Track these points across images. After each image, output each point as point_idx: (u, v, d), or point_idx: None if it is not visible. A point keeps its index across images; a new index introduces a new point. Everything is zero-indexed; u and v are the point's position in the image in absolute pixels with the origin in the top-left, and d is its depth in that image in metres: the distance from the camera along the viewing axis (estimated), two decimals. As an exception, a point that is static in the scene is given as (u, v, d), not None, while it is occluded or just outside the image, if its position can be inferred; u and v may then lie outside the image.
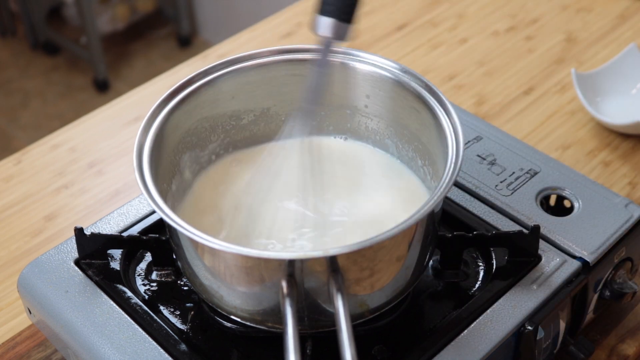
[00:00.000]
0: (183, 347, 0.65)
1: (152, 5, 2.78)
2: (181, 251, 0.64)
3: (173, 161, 0.70)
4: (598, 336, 0.76)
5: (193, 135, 0.72)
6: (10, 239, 0.90)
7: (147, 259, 0.73)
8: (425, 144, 0.70)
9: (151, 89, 1.12)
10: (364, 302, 0.62)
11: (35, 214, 0.93)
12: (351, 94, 0.74)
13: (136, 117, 1.07)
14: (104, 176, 0.98)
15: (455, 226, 0.74)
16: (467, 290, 0.70)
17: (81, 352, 0.66)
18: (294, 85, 0.74)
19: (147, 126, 0.66)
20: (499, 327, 0.65)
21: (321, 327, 0.62)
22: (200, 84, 0.70)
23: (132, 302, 0.68)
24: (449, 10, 1.25)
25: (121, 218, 0.75)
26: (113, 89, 2.63)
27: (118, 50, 2.79)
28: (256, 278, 0.60)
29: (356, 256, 0.58)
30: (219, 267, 0.61)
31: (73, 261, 0.71)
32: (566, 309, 0.68)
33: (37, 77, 2.70)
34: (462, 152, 0.62)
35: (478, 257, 0.72)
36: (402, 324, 0.67)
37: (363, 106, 0.74)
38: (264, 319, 0.63)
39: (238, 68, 0.72)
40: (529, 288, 0.68)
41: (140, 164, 0.63)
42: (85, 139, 1.04)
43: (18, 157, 1.01)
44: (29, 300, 0.71)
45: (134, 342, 0.65)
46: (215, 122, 0.74)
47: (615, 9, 1.23)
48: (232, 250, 0.56)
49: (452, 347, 0.64)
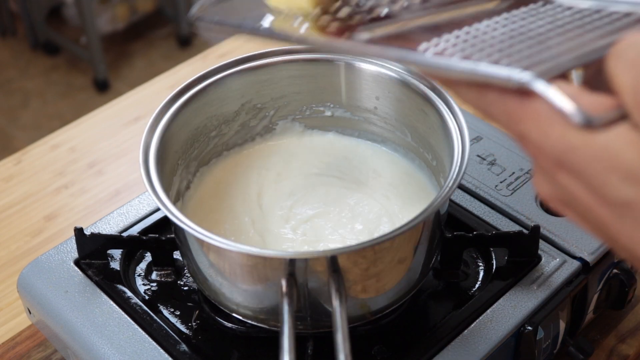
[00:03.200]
0: (183, 347, 0.65)
1: (152, 5, 2.78)
2: (185, 248, 0.64)
3: (179, 158, 0.70)
4: (598, 336, 0.76)
5: (200, 134, 0.72)
6: (10, 239, 0.90)
7: (147, 259, 0.73)
8: (433, 145, 0.70)
9: (151, 89, 1.12)
10: (364, 303, 0.62)
11: (35, 214, 0.93)
12: (361, 96, 0.74)
13: (136, 117, 1.07)
14: (104, 176, 0.98)
15: (455, 226, 0.74)
16: (467, 290, 0.70)
17: (81, 352, 0.66)
18: (302, 86, 0.74)
19: (154, 124, 0.66)
20: (499, 327, 0.65)
21: (322, 327, 0.62)
22: (209, 82, 0.70)
23: (132, 302, 0.68)
24: (449, 10, 1.25)
25: (121, 218, 0.75)
26: (113, 89, 2.63)
27: (118, 50, 2.79)
28: (257, 276, 0.60)
29: (356, 257, 0.58)
30: (222, 265, 0.61)
31: (73, 261, 0.71)
32: (566, 309, 0.68)
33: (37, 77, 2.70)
34: (468, 153, 0.62)
35: (478, 257, 0.72)
36: (402, 324, 0.67)
37: (373, 108, 0.74)
38: (265, 318, 0.63)
39: (247, 67, 0.72)
40: (529, 288, 0.68)
41: (146, 162, 0.63)
42: (85, 139, 1.04)
43: (18, 157, 1.01)
44: (28, 300, 0.71)
45: (133, 342, 0.65)
46: (222, 120, 0.74)
47: (615, 9, 1.23)
48: (234, 248, 0.56)
49: (452, 347, 0.64)
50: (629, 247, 0.36)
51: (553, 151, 0.36)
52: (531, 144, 0.37)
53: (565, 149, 0.36)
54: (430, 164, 0.72)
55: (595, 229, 0.38)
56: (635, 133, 0.34)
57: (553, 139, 0.36)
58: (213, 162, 0.76)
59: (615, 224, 0.36)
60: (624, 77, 0.35)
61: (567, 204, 0.38)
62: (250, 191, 0.73)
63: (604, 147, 0.35)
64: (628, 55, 0.35)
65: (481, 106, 0.39)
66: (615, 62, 0.36)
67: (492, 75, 0.37)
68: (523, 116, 0.37)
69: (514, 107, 0.37)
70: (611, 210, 0.36)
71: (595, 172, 0.35)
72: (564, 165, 0.36)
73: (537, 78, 0.36)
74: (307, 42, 0.47)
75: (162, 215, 0.75)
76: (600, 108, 0.35)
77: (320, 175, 0.74)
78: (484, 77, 0.38)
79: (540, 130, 0.36)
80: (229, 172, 0.75)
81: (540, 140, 0.36)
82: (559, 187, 0.38)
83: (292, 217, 0.70)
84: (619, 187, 0.35)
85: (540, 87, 0.36)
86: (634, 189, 0.34)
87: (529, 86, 0.36)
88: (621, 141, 0.34)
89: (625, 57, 0.35)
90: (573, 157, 0.36)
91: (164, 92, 1.10)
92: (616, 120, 0.35)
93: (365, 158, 0.76)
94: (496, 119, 0.39)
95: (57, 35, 2.74)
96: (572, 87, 0.36)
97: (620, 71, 0.35)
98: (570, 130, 0.35)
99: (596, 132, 0.35)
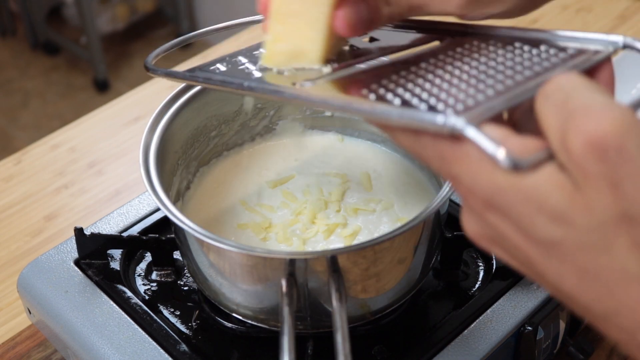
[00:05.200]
0: (183, 347, 0.65)
1: (152, 5, 2.78)
2: (185, 248, 0.64)
3: (179, 158, 0.70)
4: (598, 336, 0.76)
5: (200, 134, 0.72)
6: (10, 239, 0.90)
7: (147, 259, 0.73)
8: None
9: (151, 89, 1.12)
10: (364, 303, 0.62)
11: (35, 214, 0.93)
12: None
13: (136, 117, 1.07)
14: (104, 176, 0.98)
15: (455, 226, 0.74)
16: (467, 290, 0.70)
17: (81, 352, 0.66)
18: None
19: (154, 124, 0.66)
20: (499, 327, 0.65)
21: (323, 327, 0.62)
22: None
23: (132, 302, 0.68)
24: (449, 10, 1.25)
25: (121, 218, 0.75)
26: (113, 89, 2.63)
27: (118, 50, 2.79)
28: (257, 276, 0.60)
29: (356, 257, 0.58)
30: (222, 265, 0.61)
31: (73, 261, 0.71)
32: (566, 309, 0.68)
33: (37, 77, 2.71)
34: None
35: (478, 257, 0.72)
36: (402, 324, 0.67)
37: None
38: (265, 318, 0.63)
39: None
40: (529, 288, 0.68)
41: (146, 162, 0.63)
42: (85, 139, 1.04)
43: (18, 157, 1.01)
44: (28, 300, 0.71)
45: (133, 342, 0.65)
46: (222, 120, 0.74)
47: (615, 9, 1.23)
48: (234, 248, 0.56)
49: (452, 347, 0.64)
50: (555, 282, 0.38)
51: (483, 193, 0.38)
52: (462, 185, 0.39)
53: (495, 191, 0.37)
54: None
55: (523, 265, 0.40)
56: (561, 174, 0.36)
57: (483, 182, 0.38)
58: (213, 162, 0.76)
59: (543, 262, 0.38)
60: (550, 119, 0.37)
61: (495, 242, 0.40)
62: (250, 191, 0.73)
63: (531, 189, 0.36)
64: (555, 97, 0.37)
65: (415, 150, 0.41)
66: (543, 103, 0.37)
67: (426, 121, 0.40)
68: (455, 159, 0.39)
69: (447, 151, 0.39)
70: (539, 248, 0.37)
71: (523, 213, 0.37)
72: (493, 206, 0.38)
73: (468, 124, 0.38)
74: (255, 90, 0.49)
75: (162, 215, 0.75)
76: (528, 150, 0.36)
77: (320, 175, 0.74)
78: (418, 124, 0.40)
79: (471, 172, 0.38)
80: (229, 172, 0.75)
81: (471, 182, 0.38)
82: (487, 226, 0.39)
83: (292, 215, 0.70)
84: (546, 227, 0.36)
85: (471, 133, 0.38)
86: (561, 229, 0.36)
87: (459, 131, 0.38)
88: (548, 183, 0.36)
89: (552, 99, 0.37)
90: (502, 198, 0.37)
91: (164, 92, 1.10)
92: (543, 161, 0.36)
93: (365, 158, 0.76)
94: (429, 162, 0.41)
95: (57, 35, 2.75)
96: (501, 130, 0.38)
97: (547, 113, 0.37)
98: (499, 173, 0.37)
99: (524, 175, 0.36)
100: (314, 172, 0.75)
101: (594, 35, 0.46)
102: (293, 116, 0.77)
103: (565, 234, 0.36)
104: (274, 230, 0.68)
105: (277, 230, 0.68)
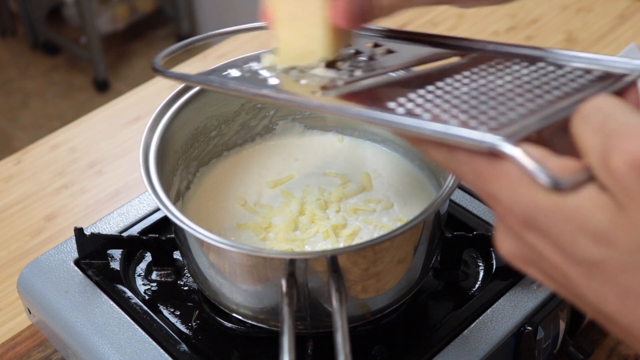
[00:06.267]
0: (183, 347, 0.65)
1: (152, 5, 2.78)
2: (185, 248, 0.64)
3: (179, 158, 0.70)
4: (598, 336, 0.76)
5: (200, 134, 0.72)
6: (10, 239, 0.90)
7: (147, 259, 0.73)
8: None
9: (151, 89, 1.12)
10: (364, 303, 0.62)
11: (35, 214, 0.93)
12: None
13: (136, 117, 1.07)
14: (104, 176, 0.98)
15: (455, 226, 0.74)
16: (467, 290, 0.70)
17: (81, 352, 0.66)
18: None
19: (154, 124, 0.66)
20: (499, 327, 0.65)
21: (323, 327, 0.62)
22: None
23: (132, 302, 0.68)
24: (449, 10, 1.25)
25: (121, 218, 0.75)
26: (113, 89, 2.63)
27: (118, 50, 2.79)
28: (257, 276, 0.60)
29: (356, 257, 0.58)
30: (222, 265, 0.61)
31: (73, 261, 0.71)
32: (566, 309, 0.68)
33: (37, 77, 2.71)
34: None
35: (478, 257, 0.72)
36: (402, 324, 0.67)
37: None
38: (265, 318, 0.63)
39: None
40: (529, 288, 0.68)
41: (146, 162, 0.63)
42: (85, 139, 1.04)
43: (18, 157, 1.01)
44: (28, 301, 0.71)
45: (133, 342, 0.65)
46: (222, 120, 0.74)
47: (615, 9, 1.23)
48: (234, 248, 0.56)
49: (452, 347, 0.64)
50: (596, 303, 0.38)
51: (522, 212, 0.38)
52: (500, 203, 0.39)
53: (535, 211, 0.37)
54: (430, 164, 0.72)
55: (561, 287, 0.40)
56: (603, 195, 0.36)
57: (523, 201, 0.37)
58: (213, 162, 0.76)
59: (584, 282, 0.37)
60: (590, 141, 0.36)
61: (532, 262, 0.40)
62: (250, 191, 0.73)
63: (573, 210, 0.36)
64: (594, 119, 0.37)
65: (450, 166, 0.41)
66: (582, 125, 0.37)
67: (463, 137, 0.39)
68: (492, 177, 0.38)
69: (484, 168, 0.39)
70: (580, 269, 0.37)
71: (565, 233, 0.36)
72: (533, 226, 0.38)
73: (506, 141, 0.37)
74: (276, 97, 0.48)
75: (162, 215, 0.75)
76: (568, 171, 0.36)
77: (320, 175, 0.74)
78: (455, 139, 0.39)
79: (510, 191, 0.38)
80: (229, 172, 0.75)
81: (510, 201, 0.38)
82: (524, 246, 0.39)
83: (292, 216, 0.70)
84: (588, 247, 0.36)
85: (511, 150, 0.37)
86: (603, 250, 0.36)
87: (500, 149, 0.38)
88: (590, 203, 0.36)
89: (591, 121, 0.37)
90: (543, 218, 0.37)
91: (164, 92, 1.10)
92: (583, 182, 0.36)
93: (365, 158, 0.76)
94: (465, 178, 0.40)
95: (57, 35, 2.75)
96: (539, 150, 0.37)
97: (586, 135, 0.37)
98: (540, 193, 0.37)
99: (565, 195, 0.36)
100: (314, 172, 0.75)
101: (618, 59, 0.46)
102: (293, 116, 0.77)
103: (608, 254, 0.36)
104: (274, 230, 0.68)
105: (277, 230, 0.68)
